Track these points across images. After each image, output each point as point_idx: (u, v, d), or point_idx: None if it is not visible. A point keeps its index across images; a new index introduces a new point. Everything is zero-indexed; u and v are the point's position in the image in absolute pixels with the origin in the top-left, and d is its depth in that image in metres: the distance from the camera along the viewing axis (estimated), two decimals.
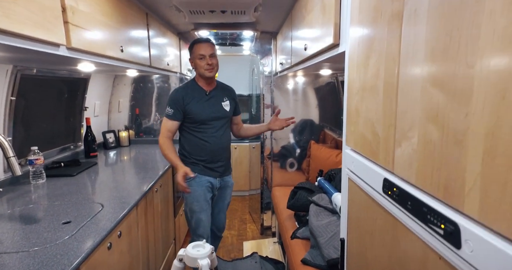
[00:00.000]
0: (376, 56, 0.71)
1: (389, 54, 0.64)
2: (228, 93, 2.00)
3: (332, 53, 1.15)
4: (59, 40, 1.09)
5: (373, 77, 0.72)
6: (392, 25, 0.63)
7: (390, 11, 0.63)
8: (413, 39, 0.55)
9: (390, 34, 0.63)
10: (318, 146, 3.07)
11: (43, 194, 1.67)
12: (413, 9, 0.54)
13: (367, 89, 0.76)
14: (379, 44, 0.69)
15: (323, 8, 1.18)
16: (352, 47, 0.88)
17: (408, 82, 0.56)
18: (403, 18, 0.58)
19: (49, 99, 2.17)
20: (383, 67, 0.67)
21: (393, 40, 0.62)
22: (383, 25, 0.66)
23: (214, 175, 1.94)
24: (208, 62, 1.78)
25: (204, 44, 1.81)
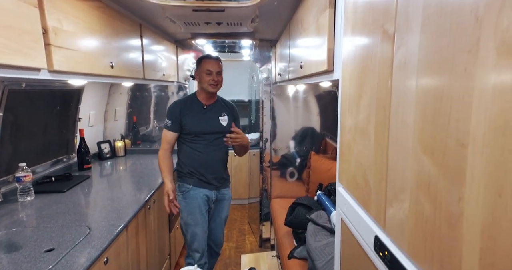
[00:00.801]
0: (367, 99, 0.66)
1: (380, 102, 0.59)
2: (227, 109, 2.02)
3: (326, 78, 1.10)
4: (39, 65, 1.05)
5: (364, 120, 0.67)
6: (382, 74, 0.58)
7: (380, 58, 0.58)
8: (403, 95, 0.50)
9: (380, 82, 0.58)
10: (318, 157, 3.01)
11: (29, 214, 1.64)
12: (403, 61, 0.49)
13: (358, 130, 0.71)
14: (370, 88, 0.64)
15: (318, 29, 1.13)
16: (345, 81, 0.83)
17: (398, 139, 0.52)
18: (393, 67, 0.53)
19: (40, 112, 2.14)
20: (374, 113, 0.62)
21: (383, 89, 0.57)
22: (374, 71, 0.62)
23: (209, 187, 1.95)
24: (214, 78, 1.85)
25: (213, 61, 1.88)
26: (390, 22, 0.55)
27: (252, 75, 4.07)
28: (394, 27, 0.53)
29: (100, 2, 1.49)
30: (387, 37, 0.56)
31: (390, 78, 0.55)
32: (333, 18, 0.98)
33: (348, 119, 0.79)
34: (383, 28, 0.58)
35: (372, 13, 0.63)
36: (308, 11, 1.33)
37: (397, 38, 0.52)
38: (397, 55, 0.52)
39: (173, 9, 1.68)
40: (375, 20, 0.62)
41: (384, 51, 0.58)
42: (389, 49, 0.55)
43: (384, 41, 0.57)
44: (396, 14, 0.53)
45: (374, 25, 0.62)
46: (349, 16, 0.80)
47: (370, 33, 0.65)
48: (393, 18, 0.53)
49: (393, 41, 0.54)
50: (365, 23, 0.68)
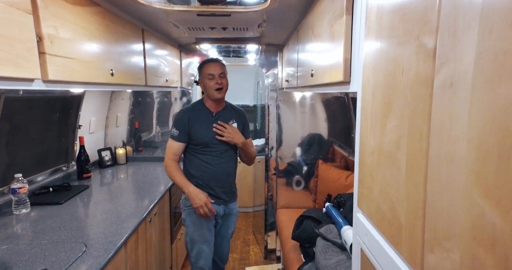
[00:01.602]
0: (396, 120, 0.58)
1: (415, 127, 0.51)
2: (237, 116, 1.94)
3: (341, 89, 1.02)
4: (32, 75, 0.98)
5: (392, 145, 0.59)
6: (419, 94, 0.50)
7: (415, 75, 0.50)
8: (449, 123, 0.42)
9: (415, 103, 0.51)
10: (326, 166, 2.92)
11: (23, 229, 1.57)
12: (449, 82, 0.42)
13: (384, 155, 0.63)
14: (400, 108, 0.56)
15: (332, 36, 1.05)
16: (365, 95, 0.75)
17: (442, 176, 0.43)
18: (434, 88, 0.45)
19: (38, 120, 2.08)
20: (405, 138, 0.54)
21: (420, 113, 0.49)
22: (405, 89, 0.54)
23: (217, 202, 1.86)
24: (217, 81, 1.76)
25: (213, 63, 1.79)
26: (429, 35, 0.47)
27: (257, 80, 4.00)
28: (435, 41, 0.45)
29: (100, 7, 1.43)
30: (425, 52, 0.48)
31: (429, 101, 0.47)
32: (350, 25, 0.91)
33: (370, 139, 0.71)
34: (419, 40, 0.50)
35: (403, 22, 0.56)
36: (320, 17, 1.25)
37: (440, 53, 0.45)
38: (439, 74, 0.45)
39: (177, 14, 1.61)
40: (407, 31, 0.54)
41: (420, 67, 0.50)
42: (427, 66, 0.48)
43: (421, 56, 0.50)
44: (438, 26, 0.45)
45: (406, 36, 0.54)
46: (372, 24, 0.72)
47: (400, 45, 0.57)
48: (434, 30, 0.46)
49: (433, 57, 0.46)
50: (393, 33, 0.60)
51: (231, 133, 1.80)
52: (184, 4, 1.50)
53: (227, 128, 1.80)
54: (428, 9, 0.47)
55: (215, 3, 1.50)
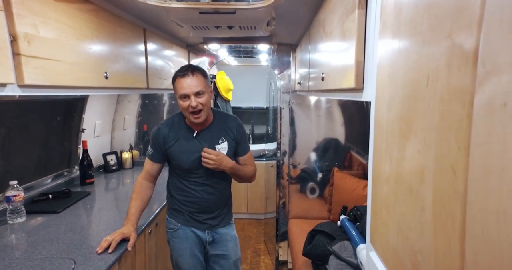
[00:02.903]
0: (418, 144, 0.44)
1: (445, 158, 0.37)
2: (226, 131, 1.58)
3: (354, 97, 0.88)
4: (3, 79, 0.90)
5: (413, 176, 0.45)
6: (451, 113, 0.36)
7: (445, 87, 0.36)
8: (500, 157, 0.28)
9: (446, 125, 0.37)
10: (342, 174, 2.76)
11: (14, 242, 1.50)
12: (499, 100, 0.28)
13: (402, 186, 0.49)
14: (424, 128, 0.42)
15: (343, 34, 0.91)
16: (380, 106, 0.61)
17: (491, 231, 0.29)
18: (475, 106, 0.31)
19: (37, 124, 2.03)
20: (431, 171, 0.40)
21: (452, 138, 0.35)
22: (432, 104, 0.40)
23: (201, 227, 1.62)
24: (192, 103, 1.37)
25: (186, 79, 1.37)
26: (468, 31, 0.33)
27: (270, 82, 3.87)
28: (477, 40, 0.31)
29: (92, 5, 1.34)
30: (461, 56, 0.34)
31: (467, 125, 0.33)
32: (363, 22, 0.77)
33: (386, 163, 0.57)
34: (452, 39, 0.36)
35: (429, 14, 0.42)
36: (331, 13, 1.11)
37: (484, 58, 0.30)
38: (484, 87, 0.31)
39: (177, 11, 1.51)
40: (434, 26, 0.40)
41: (453, 77, 0.36)
42: (464, 75, 0.33)
43: (454, 60, 0.36)
44: (482, 18, 0.31)
45: (434, 33, 0.40)
46: (388, 18, 0.58)
47: (424, 46, 0.43)
48: (475, 24, 0.32)
49: (473, 63, 0.32)
50: (416, 29, 0.46)
51: (216, 160, 1.47)
52: (183, 0, 1.40)
53: (212, 154, 1.47)
54: None
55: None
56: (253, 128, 4.73)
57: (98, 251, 1.36)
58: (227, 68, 4.27)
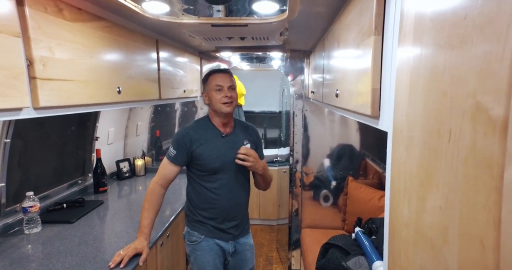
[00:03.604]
0: (440, 199, 0.41)
1: (472, 224, 0.35)
2: (248, 134, 1.70)
3: (370, 122, 0.85)
4: (19, 104, 0.92)
5: (435, 232, 0.43)
6: (474, 173, 0.34)
7: (470, 146, 0.34)
8: None
9: (471, 187, 0.34)
10: (357, 183, 2.72)
11: (30, 252, 1.54)
12: None
13: (423, 238, 0.47)
14: (446, 184, 0.40)
15: (358, 57, 0.89)
16: (397, 141, 0.59)
17: None
18: (505, 177, 0.29)
19: (53, 135, 2.08)
20: (456, 235, 0.38)
21: (480, 204, 0.33)
22: (454, 159, 0.38)
23: (225, 237, 1.63)
24: (226, 94, 1.53)
25: (222, 74, 1.57)
26: (495, 97, 0.31)
27: (283, 88, 3.85)
28: (506, 109, 0.29)
29: (106, 21, 1.36)
30: (488, 121, 0.32)
31: (497, 198, 0.31)
32: (379, 48, 0.74)
33: (404, 207, 0.55)
34: (476, 100, 0.34)
35: (450, 66, 0.39)
36: (346, 29, 1.09)
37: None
38: None
39: (190, 25, 1.52)
40: (456, 79, 0.38)
41: (480, 142, 0.33)
42: (492, 144, 0.31)
43: (480, 124, 0.33)
44: (511, 88, 0.29)
45: (456, 86, 0.38)
46: (406, 57, 0.56)
47: (445, 98, 0.41)
48: (503, 92, 0.29)
49: (503, 133, 0.30)
50: (436, 77, 0.43)
51: (255, 158, 1.56)
52: (202, 15, 1.39)
53: (251, 154, 1.56)
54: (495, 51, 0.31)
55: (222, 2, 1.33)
56: (265, 132, 4.72)
57: (111, 266, 1.38)
58: (239, 73, 4.27)
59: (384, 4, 0.74)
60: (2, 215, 1.70)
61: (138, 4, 1.26)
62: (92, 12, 1.26)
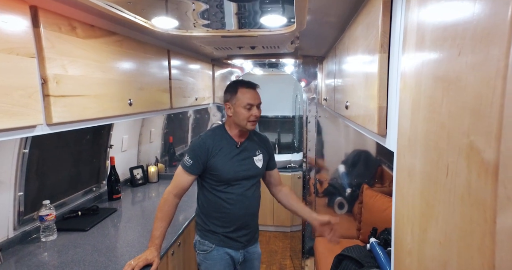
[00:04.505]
0: (439, 233, 0.41)
1: (468, 264, 0.35)
2: (261, 145, 1.72)
3: (377, 139, 0.85)
4: (33, 122, 0.96)
5: (436, 265, 0.43)
6: (469, 214, 0.34)
7: (466, 186, 0.34)
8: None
9: (467, 227, 0.34)
10: (372, 192, 2.68)
11: (46, 259, 1.60)
12: None
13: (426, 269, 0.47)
14: (445, 219, 0.39)
15: (365, 73, 0.89)
16: (401, 167, 0.58)
17: None
18: (498, 228, 0.29)
19: (69, 144, 2.15)
20: (455, 259, 0.38)
21: (476, 246, 0.33)
22: (452, 195, 0.38)
23: (235, 246, 1.65)
24: (256, 114, 1.55)
25: (253, 91, 1.57)
26: (486, 139, 0.31)
27: (296, 93, 3.85)
28: (497, 154, 0.29)
29: (118, 36, 1.40)
30: (480, 163, 0.32)
31: (490, 243, 0.31)
32: (386, 67, 0.74)
33: (407, 234, 0.55)
34: (470, 139, 0.34)
35: (447, 102, 0.39)
36: (355, 42, 1.09)
37: (505, 182, 0.28)
38: (505, 213, 0.28)
39: (200, 37, 1.55)
40: (452, 115, 0.38)
41: (474, 183, 0.33)
42: (485, 187, 0.31)
43: (474, 165, 0.33)
44: (500, 132, 0.29)
45: (452, 123, 0.38)
46: (409, 80, 0.56)
47: (443, 131, 0.41)
48: (493, 136, 0.29)
49: (494, 178, 0.30)
50: (435, 108, 0.43)
51: None
52: (212, 28, 1.42)
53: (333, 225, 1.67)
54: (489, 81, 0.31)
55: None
56: (279, 137, 4.72)
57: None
58: (252, 78, 4.28)
59: (390, 22, 0.74)
60: (20, 223, 1.77)
61: (148, 19, 1.30)
62: (105, 27, 1.31)
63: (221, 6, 1.18)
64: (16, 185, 1.71)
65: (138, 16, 1.26)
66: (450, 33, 0.39)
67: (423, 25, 0.48)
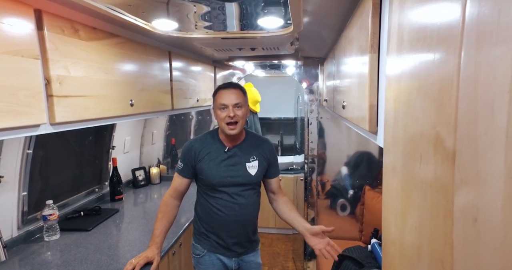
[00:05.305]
0: (414, 220, 0.44)
1: (435, 244, 0.38)
2: (259, 150, 1.63)
3: (370, 137, 0.89)
4: (37, 121, 1.01)
5: (412, 251, 0.46)
6: (436, 198, 0.37)
7: (433, 171, 0.38)
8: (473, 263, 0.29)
9: (434, 211, 0.38)
10: (374, 193, 2.70)
11: (49, 259, 1.65)
12: (471, 216, 0.29)
13: (405, 256, 0.50)
14: (418, 207, 0.43)
15: (358, 72, 0.92)
16: (388, 161, 0.62)
17: None
18: (454, 210, 0.33)
19: (72, 145, 2.21)
20: (426, 254, 0.41)
21: (440, 226, 0.36)
22: (423, 182, 0.41)
23: (227, 254, 1.63)
24: (229, 114, 1.47)
25: (228, 91, 1.50)
26: (447, 129, 0.35)
27: (297, 95, 3.88)
28: (454, 143, 0.33)
29: (120, 38, 1.46)
30: (444, 151, 0.36)
31: (450, 222, 0.34)
32: (376, 66, 0.78)
33: (392, 225, 0.58)
34: (436, 130, 0.38)
35: (420, 96, 0.43)
36: (350, 43, 1.13)
37: (459, 166, 0.32)
38: (459, 193, 0.32)
39: (200, 39, 1.59)
40: (424, 109, 0.42)
41: (439, 169, 0.37)
42: (446, 172, 0.35)
43: (439, 153, 0.37)
44: (456, 122, 0.32)
45: (424, 115, 0.42)
46: (391, 80, 0.60)
47: (417, 124, 0.45)
48: (452, 126, 0.33)
49: (452, 164, 0.34)
50: (410, 104, 0.47)
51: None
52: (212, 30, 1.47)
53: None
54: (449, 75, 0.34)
55: None
56: (282, 139, 4.75)
57: None
58: (254, 80, 4.34)
59: (379, 23, 0.77)
60: (24, 223, 1.82)
61: (148, 22, 1.35)
62: (106, 30, 1.36)
63: (222, 9, 1.23)
64: (20, 184, 1.77)
65: (138, 18, 1.31)
66: (422, 34, 0.43)
67: (402, 26, 0.52)
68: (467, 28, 0.29)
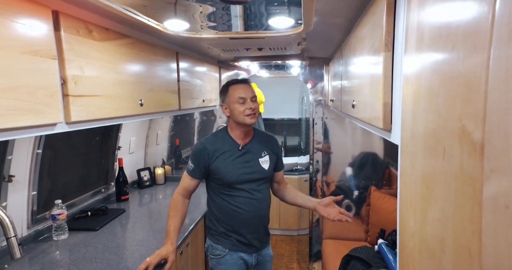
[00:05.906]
0: (437, 212, 0.46)
1: (461, 234, 0.40)
2: (268, 146, 1.71)
3: (384, 135, 0.90)
4: (54, 120, 1.03)
5: (434, 242, 0.48)
6: (461, 190, 0.39)
7: (459, 165, 0.40)
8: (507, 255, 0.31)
9: (460, 202, 0.39)
10: (379, 193, 2.71)
11: (58, 258, 1.67)
12: (503, 203, 0.31)
13: (425, 248, 0.52)
14: (442, 198, 0.45)
15: (371, 71, 0.94)
16: (405, 157, 0.64)
17: None
18: (484, 197, 0.35)
19: (79, 145, 2.23)
20: (450, 245, 0.43)
21: (467, 217, 0.38)
22: (447, 175, 0.43)
23: (249, 250, 1.66)
24: (250, 106, 1.54)
25: (243, 85, 1.58)
26: (475, 122, 0.36)
27: (302, 95, 3.90)
28: (482, 134, 0.35)
29: (131, 38, 1.48)
30: (471, 143, 0.38)
31: (478, 212, 0.36)
32: (390, 65, 0.80)
33: (410, 218, 0.60)
34: (462, 123, 0.39)
35: (444, 91, 0.45)
36: (361, 42, 1.15)
37: (489, 156, 0.34)
38: (489, 183, 0.34)
39: (209, 39, 1.62)
40: (448, 103, 0.43)
41: (465, 161, 0.39)
42: (474, 163, 0.37)
43: (465, 145, 0.39)
44: (485, 114, 0.34)
45: (447, 110, 0.43)
46: (410, 77, 0.61)
47: (440, 118, 0.46)
48: (481, 118, 0.35)
49: (480, 155, 0.35)
50: (432, 100, 0.49)
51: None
52: (221, 30, 1.49)
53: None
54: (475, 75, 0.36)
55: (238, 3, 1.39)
56: (285, 140, 4.76)
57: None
58: (258, 80, 4.36)
59: (394, 21, 0.79)
60: (34, 222, 1.84)
61: (160, 22, 1.37)
62: (118, 30, 1.39)
63: (227, 9, 1.25)
64: (30, 184, 1.79)
65: (151, 19, 1.33)
66: (445, 31, 0.44)
67: (422, 24, 0.54)
68: (497, 23, 0.31)
